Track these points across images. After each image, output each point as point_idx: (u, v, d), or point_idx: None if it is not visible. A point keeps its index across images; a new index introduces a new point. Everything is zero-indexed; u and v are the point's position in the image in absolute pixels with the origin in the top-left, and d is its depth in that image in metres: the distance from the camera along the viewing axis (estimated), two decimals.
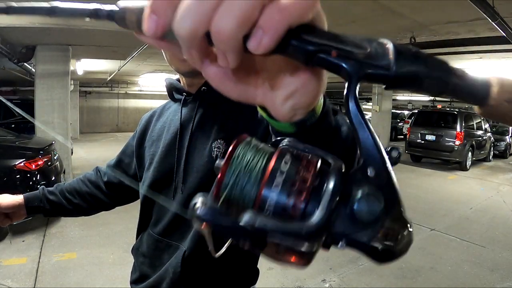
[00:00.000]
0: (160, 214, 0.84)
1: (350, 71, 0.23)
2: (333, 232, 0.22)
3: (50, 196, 0.94)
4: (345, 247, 0.22)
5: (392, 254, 0.22)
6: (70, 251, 3.14)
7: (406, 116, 17.03)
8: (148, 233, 0.87)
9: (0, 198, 0.87)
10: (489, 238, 3.95)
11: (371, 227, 0.22)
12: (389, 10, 3.72)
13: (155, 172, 0.83)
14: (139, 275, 0.89)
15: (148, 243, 0.86)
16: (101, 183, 0.99)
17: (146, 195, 0.86)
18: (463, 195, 6.09)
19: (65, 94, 5.53)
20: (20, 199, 0.90)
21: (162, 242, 0.82)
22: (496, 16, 2.83)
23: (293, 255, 0.22)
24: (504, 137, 12.06)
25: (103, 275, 2.75)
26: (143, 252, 0.88)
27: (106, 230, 3.69)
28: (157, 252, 0.84)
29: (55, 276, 2.69)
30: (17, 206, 0.88)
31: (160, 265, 0.82)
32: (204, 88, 0.79)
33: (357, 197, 0.22)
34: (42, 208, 0.93)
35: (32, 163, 3.43)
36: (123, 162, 0.99)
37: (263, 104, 0.28)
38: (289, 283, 2.78)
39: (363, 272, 3.02)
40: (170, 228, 0.81)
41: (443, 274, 3.05)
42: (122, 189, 0.99)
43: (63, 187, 0.97)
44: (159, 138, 0.87)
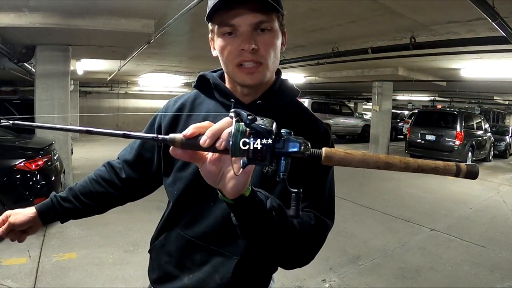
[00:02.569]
0: (197, 216, 0.82)
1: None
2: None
3: (64, 203, 0.91)
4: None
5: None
6: (70, 251, 3.14)
7: (406, 116, 17.03)
8: (178, 233, 0.85)
9: (12, 218, 0.85)
10: (489, 238, 3.95)
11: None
12: (389, 10, 3.72)
13: (195, 175, 0.79)
14: (162, 274, 0.88)
15: (178, 244, 0.84)
16: (117, 180, 0.95)
17: (180, 195, 0.83)
18: (463, 195, 6.09)
19: (65, 94, 5.53)
20: (33, 213, 0.87)
21: (196, 244, 0.82)
22: (496, 16, 2.83)
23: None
24: (504, 137, 12.06)
25: (103, 275, 2.75)
26: (169, 251, 0.86)
27: (106, 230, 3.69)
28: (188, 253, 0.83)
29: (55, 276, 2.69)
30: (31, 221, 0.86)
31: (192, 267, 0.82)
32: (259, 102, 0.79)
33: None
34: (57, 217, 0.91)
35: (32, 163, 3.42)
36: (144, 157, 0.92)
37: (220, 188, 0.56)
38: (289, 283, 2.78)
39: (363, 272, 3.02)
40: (208, 232, 0.80)
41: (443, 274, 3.05)
42: (142, 185, 0.96)
43: (76, 191, 0.93)
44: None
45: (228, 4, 0.68)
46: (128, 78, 13.35)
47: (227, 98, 0.82)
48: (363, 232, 4.01)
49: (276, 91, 0.81)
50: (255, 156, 0.47)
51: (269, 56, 0.73)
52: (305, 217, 0.72)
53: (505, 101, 15.06)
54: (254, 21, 0.70)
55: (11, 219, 0.84)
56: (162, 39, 4.88)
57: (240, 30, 0.71)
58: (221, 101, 0.83)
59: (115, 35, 4.61)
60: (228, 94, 0.82)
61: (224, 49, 0.73)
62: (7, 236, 0.85)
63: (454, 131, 8.57)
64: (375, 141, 10.14)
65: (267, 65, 0.74)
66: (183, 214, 0.85)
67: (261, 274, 0.86)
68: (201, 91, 0.88)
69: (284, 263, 0.74)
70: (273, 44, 0.73)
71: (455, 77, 8.16)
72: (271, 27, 0.72)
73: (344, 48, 5.60)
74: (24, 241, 0.90)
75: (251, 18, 0.69)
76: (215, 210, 0.79)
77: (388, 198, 5.61)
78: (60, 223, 0.93)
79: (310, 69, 8.76)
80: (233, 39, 0.72)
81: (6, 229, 0.83)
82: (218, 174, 0.54)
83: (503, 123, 21.08)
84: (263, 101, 0.80)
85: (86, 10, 4.09)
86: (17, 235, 0.86)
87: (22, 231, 0.86)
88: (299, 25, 4.59)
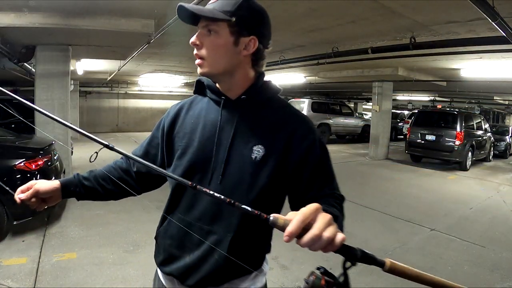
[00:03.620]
0: (193, 200, 0.92)
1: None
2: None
3: (85, 182, 1.02)
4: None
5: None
6: (70, 251, 3.14)
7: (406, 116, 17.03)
8: (178, 217, 0.94)
9: (38, 184, 0.95)
10: (489, 238, 3.95)
11: None
12: (389, 10, 3.72)
13: (190, 162, 0.92)
14: (166, 256, 0.97)
15: (179, 227, 0.93)
16: (132, 171, 1.06)
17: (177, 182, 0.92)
18: (463, 195, 6.09)
19: (65, 94, 5.53)
20: (57, 184, 0.98)
21: (195, 226, 0.91)
22: (496, 16, 2.83)
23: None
24: (504, 137, 12.06)
25: (103, 275, 2.75)
26: (171, 234, 0.96)
27: (106, 230, 3.69)
28: (188, 235, 0.91)
29: (55, 276, 2.69)
30: (54, 191, 0.97)
31: (191, 246, 0.92)
32: (243, 96, 0.92)
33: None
34: (76, 193, 1.01)
35: (32, 163, 3.42)
36: (150, 153, 1.05)
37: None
38: (289, 283, 2.78)
39: (363, 272, 3.02)
40: (204, 214, 0.90)
41: (443, 274, 3.05)
42: (150, 178, 1.06)
43: (96, 173, 1.04)
44: (192, 131, 0.96)
45: (185, 15, 0.89)
46: (128, 78, 13.35)
47: (218, 95, 0.95)
48: (363, 232, 4.01)
49: (259, 88, 0.93)
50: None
51: (210, 54, 0.87)
52: (334, 203, 0.85)
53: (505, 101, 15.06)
54: (201, 25, 0.87)
55: (36, 186, 0.95)
56: (162, 39, 4.88)
57: (198, 30, 0.89)
58: (213, 98, 0.97)
59: (115, 35, 4.61)
60: (218, 92, 0.95)
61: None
62: (29, 202, 0.94)
63: (454, 131, 8.56)
64: (375, 141, 10.14)
65: (210, 62, 0.88)
66: (181, 199, 0.94)
67: (255, 252, 0.96)
68: (199, 94, 1.02)
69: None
70: (214, 44, 0.86)
71: (455, 77, 8.16)
72: (216, 31, 0.86)
73: (344, 48, 5.60)
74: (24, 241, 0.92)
75: (202, 22, 0.88)
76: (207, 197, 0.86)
77: (388, 198, 5.61)
78: (76, 200, 1.03)
79: (310, 69, 8.76)
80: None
81: (31, 194, 0.93)
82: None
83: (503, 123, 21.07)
84: (247, 96, 0.92)
85: (86, 10, 4.09)
86: (38, 203, 0.96)
87: (42, 200, 0.97)
88: (299, 25, 4.59)
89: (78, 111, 12.79)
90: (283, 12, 4.03)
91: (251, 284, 0.95)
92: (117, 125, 15.93)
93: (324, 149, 0.93)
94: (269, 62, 7.37)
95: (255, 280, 0.96)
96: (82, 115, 13.96)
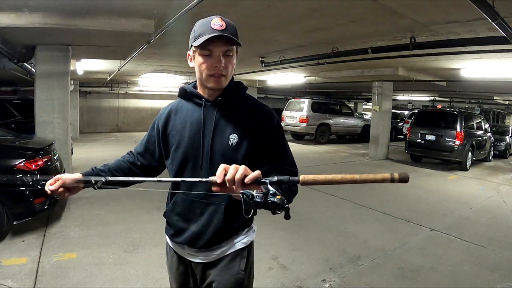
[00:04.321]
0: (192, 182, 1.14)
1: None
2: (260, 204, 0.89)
3: (102, 173, 1.23)
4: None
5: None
6: (70, 251, 3.14)
7: (406, 116, 17.03)
8: (182, 197, 1.21)
9: (64, 176, 1.11)
10: (489, 238, 3.95)
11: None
12: (389, 10, 3.72)
13: (184, 153, 1.19)
14: (176, 230, 1.25)
15: (183, 204, 1.21)
16: (137, 164, 1.32)
17: (178, 169, 1.20)
18: (463, 195, 6.09)
19: (65, 94, 5.53)
20: (79, 176, 1.13)
21: (196, 202, 1.18)
22: (496, 16, 2.83)
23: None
24: (504, 137, 12.06)
25: (103, 275, 2.75)
26: (178, 211, 1.23)
27: (106, 230, 3.69)
28: (191, 210, 1.20)
29: (55, 276, 2.69)
30: (77, 181, 1.13)
31: (195, 218, 1.20)
32: (219, 98, 1.19)
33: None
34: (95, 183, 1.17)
35: (32, 163, 3.42)
36: (149, 149, 1.31)
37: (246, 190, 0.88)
38: (289, 283, 2.78)
39: (363, 272, 3.02)
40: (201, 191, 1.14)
41: (443, 274, 3.05)
42: (152, 169, 1.33)
43: (110, 166, 1.28)
44: (183, 128, 1.21)
45: (212, 39, 1.08)
46: (128, 78, 13.35)
47: (199, 98, 1.21)
48: (363, 232, 4.01)
49: (231, 90, 1.20)
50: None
51: (229, 72, 1.14)
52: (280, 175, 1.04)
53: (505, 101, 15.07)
54: (224, 49, 1.10)
55: (63, 177, 1.11)
56: (162, 39, 4.88)
57: (215, 54, 1.10)
58: (195, 101, 1.23)
59: (115, 35, 4.61)
60: (199, 96, 1.22)
61: (203, 64, 1.12)
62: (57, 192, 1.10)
63: (454, 131, 8.56)
64: (375, 141, 10.13)
65: (227, 77, 1.15)
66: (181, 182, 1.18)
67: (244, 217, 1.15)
68: (182, 98, 1.27)
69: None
70: (232, 64, 1.14)
71: (455, 77, 8.15)
72: (232, 53, 1.13)
73: (344, 48, 5.60)
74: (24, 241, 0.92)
75: (223, 48, 1.10)
76: (203, 175, 1.11)
77: (388, 198, 5.61)
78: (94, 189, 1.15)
79: (310, 69, 8.76)
80: (209, 58, 1.11)
81: (59, 185, 1.10)
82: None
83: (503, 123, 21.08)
84: (222, 98, 1.19)
85: (86, 10, 4.09)
86: (64, 192, 1.12)
87: (67, 189, 1.12)
88: (299, 25, 4.59)
89: (78, 111, 12.79)
90: (283, 12, 4.03)
91: (245, 237, 1.25)
92: (117, 125, 15.92)
93: (280, 132, 1.21)
94: (269, 62, 7.38)
95: (247, 235, 1.26)
96: (82, 115, 13.96)
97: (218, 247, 1.21)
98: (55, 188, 1.10)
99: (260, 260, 3.06)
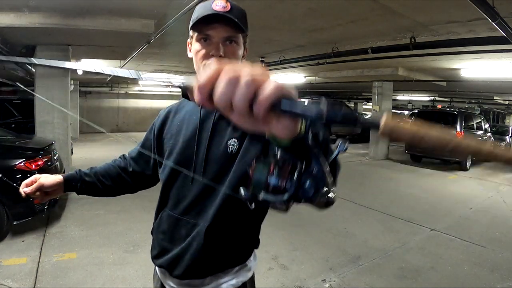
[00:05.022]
0: (180, 196, 0.98)
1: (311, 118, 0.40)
2: (298, 196, 0.46)
3: (86, 177, 1.09)
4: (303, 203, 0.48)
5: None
6: (70, 251, 3.14)
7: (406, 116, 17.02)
8: (168, 213, 1.01)
9: (43, 179, 1.01)
10: (489, 238, 3.95)
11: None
12: (389, 10, 3.72)
13: (175, 162, 0.99)
14: (159, 250, 1.03)
15: (169, 222, 1.00)
16: (129, 170, 1.15)
17: (167, 180, 1.01)
18: (463, 195, 6.09)
19: (65, 94, 5.53)
20: (60, 179, 1.05)
21: (182, 220, 0.97)
22: (496, 16, 2.83)
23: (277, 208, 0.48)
24: (504, 137, 12.06)
25: (103, 275, 2.75)
26: (163, 230, 1.02)
27: (106, 230, 3.69)
28: (176, 229, 0.98)
29: (55, 276, 2.69)
30: (57, 185, 1.04)
31: (179, 239, 0.97)
32: None
33: (305, 185, 0.47)
34: (78, 187, 1.08)
35: (32, 163, 3.42)
36: (144, 154, 1.13)
37: (272, 133, 0.44)
38: (289, 283, 2.78)
39: (363, 272, 3.02)
40: (189, 208, 0.96)
41: (443, 274, 3.05)
42: (144, 177, 1.15)
43: (97, 170, 1.13)
44: (178, 132, 1.02)
45: (209, 20, 0.88)
46: (128, 78, 13.34)
47: None
48: (363, 232, 4.01)
49: None
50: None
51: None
52: None
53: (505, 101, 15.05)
54: (225, 35, 0.90)
55: (41, 180, 1.01)
56: (162, 39, 4.87)
57: (213, 40, 0.90)
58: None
59: (115, 35, 4.60)
60: None
61: (198, 52, 0.92)
62: (34, 195, 1.00)
63: (454, 131, 8.56)
64: (375, 141, 10.14)
65: None
66: (170, 195, 1.01)
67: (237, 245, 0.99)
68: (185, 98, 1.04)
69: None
70: (235, 55, 0.92)
71: (455, 77, 8.15)
72: (236, 41, 0.92)
73: (344, 48, 5.60)
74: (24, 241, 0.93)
75: (223, 32, 0.89)
76: (193, 189, 0.95)
77: (388, 198, 5.61)
78: (76, 194, 1.09)
79: (310, 69, 8.75)
80: (207, 45, 0.91)
81: (35, 188, 0.99)
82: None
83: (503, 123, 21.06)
84: None
85: (86, 10, 4.09)
86: (42, 196, 1.02)
87: (45, 193, 1.02)
88: (299, 25, 4.59)
89: (78, 111, 12.79)
90: (283, 12, 4.03)
91: (233, 277, 0.99)
92: (117, 125, 15.92)
93: None
94: (269, 62, 7.38)
95: (237, 274, 0.99)
96: (82, 115, 13.96)
97: (201, 283, 0.98)
98: (30, 191, 0.99)
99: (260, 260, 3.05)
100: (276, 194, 0.46)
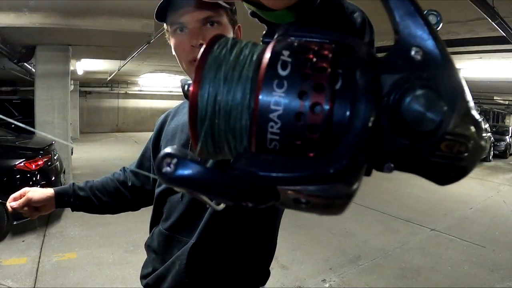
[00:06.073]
0: (170, 211, 0.86)
1: None
2: (376, 152, 0.15)
3: (80, 192, 0.98)
4: (392, 170, 0.16)
5: (460, 170, 0.16)
6: (70, 251, 3.14)
7: None
8: (159, 229, 0.89)
9: (31, 192, 0.91)
10: (489, 238, 3.95)
11: (429, 138, 0.15)
12: None
13: None
14: (151, 270, 0.91)
15: (159, 239, 0.88)
16: (129, 184, 1.02)
17: (159, 194, 0.89)
18: (463, 195, 6.09)
19: (65, 94, 5.53)
20: (51, 193, 0.94)
21: (173, 238, 0.84)
22: (496, 16, 2.83)
23: (323, 202, 0.15)
24: (504, 137, 12.06)
25: (103, 275, 2.75)
26: (154, 248, 0.90)
27: (106, 230, 3.69)
28: (168, 249, 0.86)
29: (55, 276, 2.69)
30: (47, 200, 0.93)
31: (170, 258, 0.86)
32: None
33: (405, 98, 0.15)
34: (71, 203, 0.97)
35: (32, 163, 3.42)
36: (144, 165, 1.01)
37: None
38: (289, 283, 2.78)
39: (363, 272, 3.02)
40: (179, 224, 0.83)
41: (443, 274, 3.05)
42: (145, 193, 1.01)
43: (92, 184, 1.01)
44: (173, 137, 0.90)
45: (177, 4, 0.72)
46: (128, 78, 13.34)
47: None
48: (363, 232, 4.01)
49: None
50: None
51: None
52: None
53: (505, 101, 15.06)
54: (201, 17, 0.73)
55: (29, 194, 0.90)
56: (162, 39, 4.84)
57: (189, 27, 0.74)
58: None
59: (115, 35, 4.60)
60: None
61: (178, 47, 0.77)
62: (22, 210, 0.90)
63: None
64: None
65: None
66: (162, 211, 0.89)
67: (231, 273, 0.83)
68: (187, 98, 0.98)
69: None
70: None
71: None
72: (219, 21, 0.74)
73: None
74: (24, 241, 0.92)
75: (198, 14, 0.72)
76: (181, 206, 0.83)
77: (388, 198, 5.61)
78: (71, 210, 0.98)
79: None
80: (184, 36, 0.75)
81: (23, 203, 0.89)
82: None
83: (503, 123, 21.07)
84: None
85: (86, 10, 4.09)
86: (31, 211, 0.91)
87: (35, 208, 0.92)
88: None
89: (78, 111, 12.79)
90: None
91: None
92: (117, 125, 15.92)
93: None
94: None
95: None
96: (82, 115, 13.95)
97: None
98: (17, 206, 0.89)
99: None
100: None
